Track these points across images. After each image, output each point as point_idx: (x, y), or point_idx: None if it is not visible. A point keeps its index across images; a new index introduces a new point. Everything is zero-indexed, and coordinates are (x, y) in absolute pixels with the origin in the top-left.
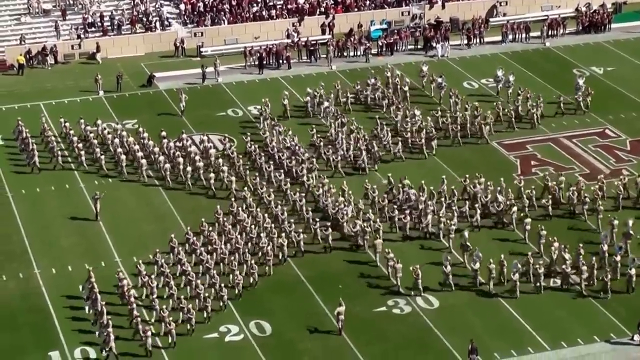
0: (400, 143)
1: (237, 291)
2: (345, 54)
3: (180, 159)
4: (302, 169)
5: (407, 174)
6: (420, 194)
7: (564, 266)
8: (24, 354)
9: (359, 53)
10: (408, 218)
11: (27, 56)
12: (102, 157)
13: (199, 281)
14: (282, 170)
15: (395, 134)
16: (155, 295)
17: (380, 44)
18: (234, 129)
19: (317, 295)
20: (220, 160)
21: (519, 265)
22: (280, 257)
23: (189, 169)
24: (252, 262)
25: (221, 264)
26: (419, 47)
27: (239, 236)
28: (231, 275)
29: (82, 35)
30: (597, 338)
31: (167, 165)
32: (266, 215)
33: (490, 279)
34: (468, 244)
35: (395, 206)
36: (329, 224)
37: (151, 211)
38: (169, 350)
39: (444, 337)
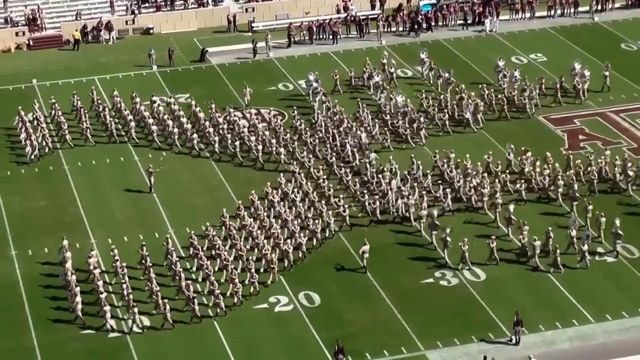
0: (447, 117)
1: (235, 299)
2: (394, 29)
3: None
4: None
5: (454, 148)
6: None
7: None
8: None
9: (409, 27)
10: (449, 193)
11: (83, 31)
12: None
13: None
14: (328, 144)
15: (441, 108)
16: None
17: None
18: (284, 103)
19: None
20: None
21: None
22: (286, 264)
23: (237, 142)
24: (254, 269)
25: (224, 271)
26: (468, 22)
27: (242, 242)
28: (231, 285)
29: (136, 11)
30: None
31: (216, 138)
32: (273, 220)
33: (535, 254)
34: (513, 217)
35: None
36: (376, 197)
37: (203, 184)
38: (219, 319)
39: (489, 309)
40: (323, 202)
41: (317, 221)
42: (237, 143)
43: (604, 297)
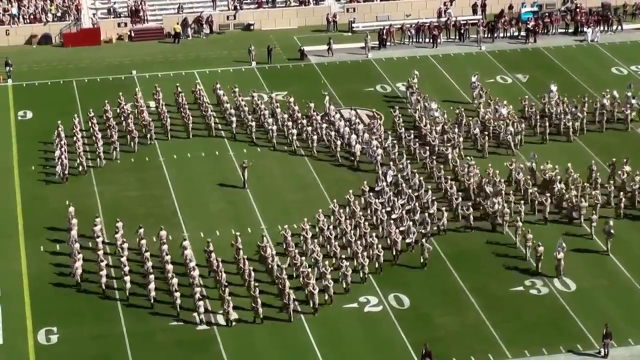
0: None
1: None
2: (495, 34)
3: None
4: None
5: (550, 158)
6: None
7: None
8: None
9: (510, 34)
10: (549, 201)
11: (184, 25)
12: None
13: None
14: (427, 147)
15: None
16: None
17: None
18: (381, 104)
19: (455, 272)
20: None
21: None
22: (329, 299)
23: (314, 137)
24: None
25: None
26: (569, 31)
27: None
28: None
29: (237, 7)
30: None
31: (294, 131)
32: (304, 258)
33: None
34: (612, 231)
35: (536, 189)
36: (470, 203)
37: (296, 181)
38: (310, 317)
39: (578, 320)
40: (359, 242)
41: (348, 263)
42: (315, 137)
43: None
